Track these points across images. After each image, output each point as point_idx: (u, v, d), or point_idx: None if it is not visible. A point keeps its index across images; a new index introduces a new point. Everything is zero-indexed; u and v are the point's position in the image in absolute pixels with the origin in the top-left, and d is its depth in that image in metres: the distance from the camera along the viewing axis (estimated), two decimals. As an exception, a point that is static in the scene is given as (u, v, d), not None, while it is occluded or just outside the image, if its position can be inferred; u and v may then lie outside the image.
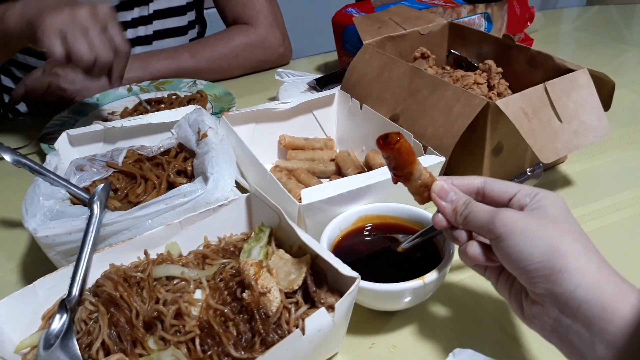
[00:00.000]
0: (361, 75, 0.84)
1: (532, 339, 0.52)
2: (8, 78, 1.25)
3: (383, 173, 0.62)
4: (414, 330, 0.54)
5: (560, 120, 0.67)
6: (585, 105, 0.69)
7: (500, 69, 0.80)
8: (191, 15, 1.27)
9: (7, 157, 0.66)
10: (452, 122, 0.67)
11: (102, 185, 0.59)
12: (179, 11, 1.23)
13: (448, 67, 0.89)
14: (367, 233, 0.60)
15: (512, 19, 1.09)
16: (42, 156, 0.92)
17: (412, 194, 0.50)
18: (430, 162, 0.64)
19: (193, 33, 1.30)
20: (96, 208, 0.56)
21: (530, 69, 0.79)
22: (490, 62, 0.80)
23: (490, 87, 0.79)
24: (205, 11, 1.35)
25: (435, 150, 0.66)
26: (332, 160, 0.80)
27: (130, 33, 1.17)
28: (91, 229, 0.54)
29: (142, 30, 1.18)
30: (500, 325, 0.54)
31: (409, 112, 0.73)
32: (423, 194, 0.49)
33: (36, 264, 0.67)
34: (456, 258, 0.52)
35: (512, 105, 0.65)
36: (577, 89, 0.70)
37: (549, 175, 0.77)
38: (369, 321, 0.55)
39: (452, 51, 0.91)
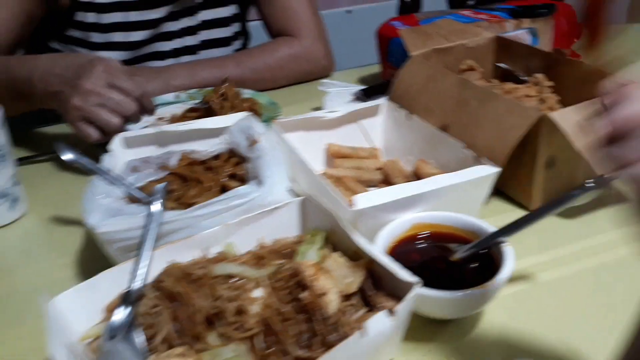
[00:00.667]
0: (408, 85, 0.84)
1: (594, 350, 0.51)
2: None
3: (436, 182, 0.62)
4: (468, 341, 0.54)
5: (615, 134, 0.67)
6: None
7: (550, 83, 0.80)
8: (236, 27, 1.30)
9: (65, 157, 0.68)
10: (505, 133, 0.67)
11: (163, 184, 0.61)
12: (224, 22, 1.26)
13: (496, 81, 0.89)
14: (420, 241, 0.61)
15: (558, 35, 1.08)
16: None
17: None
18: (484, 172, 0.64)
19: (237, 44, 1.32)
20: (156, 205, 0.57)
21: (581, 83, 0.79)
22: (540, 75, 0.80)
23: (541, 101, 0.78)
24: (249, 23, 1.38)
25: (489, 162, 0.66)
26: (378, 169, 0.80)
27: (177, 43, 1.20)
28: (151, 226, 0.55)
29: (189, 40, 1.21)
30: (560, 339, 0.53)
31: (459, 122, 0.74)
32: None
33: (92, 260, 0.69)
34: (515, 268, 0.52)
35: (567, 117, 0.65)
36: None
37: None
38: (423, 329, 0.55)
39: (500, 64, 0.91)
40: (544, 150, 0.68)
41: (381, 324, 0.45)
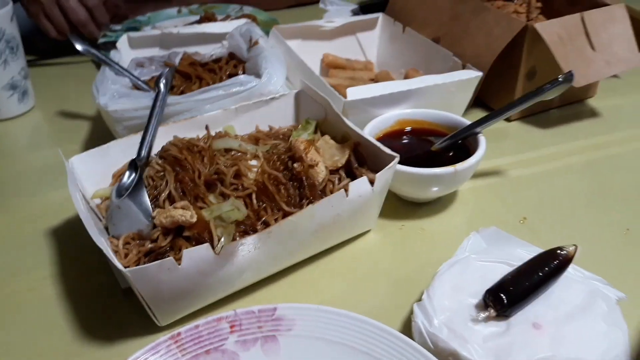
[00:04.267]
0: (405, 2, 0.87)
1: (548, 228, 0.57)
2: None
3: (422, 81, 0.66)
4: (441, 218, 0.60)
5: (593, 49, 0.71)
6: (619, 38, 0.73)
7: (539, 4, 0.84)
8: None
9: (79, 46, 0.72)
10: (492, 42, 0.71)
11: (168, 69, 0.65)
12: None
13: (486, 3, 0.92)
14: (404, 136, 0.66)
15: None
16: (96, 63, 0.99)
17: None
18: (468, 75, 0.68)
19: None
20: (162, 86, 0.61)
21: (569, 6, 0.82)
22: (530, -4, 0.83)
23: (528, 20, 0.82)
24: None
25: (474, 67, 0.70)
26: (372, 80, 0.84)
27: None
28: (158, 104, 0.60)
29: None
30: (525, 216, 0.59)
31: (450, 34, 0.78)
32: None
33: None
34: (485, 158, 0.57)
35: (549, 29, 0.69)
36: (613, 22, 0.73)
37: (578, 107, 0.81)
38: (400, 208, 0.61)
39: (495, -13, 0.94)
40: (526, 61, 0.72)
41: (362, 187, 0.51)
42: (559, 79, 0.56)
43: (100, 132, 0.78)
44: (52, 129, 0.82)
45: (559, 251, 0.45)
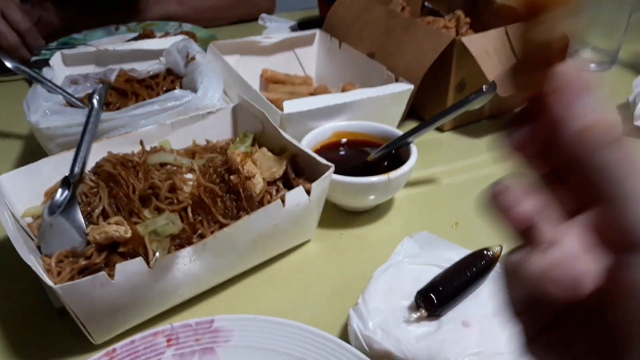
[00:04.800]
0: (341, 17, 0.90)
1: (478, 229, 0.60)
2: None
3: (356, 94, 0.68)
4: (378, 225, 0.62)
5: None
6: (540, 50, 0.77)
7: (468, 20, 0.88)
8: None
9: (8, 64, 0.70)
10: (422, 56, 0.74)
11: (102, 85, 0.64)
12: None
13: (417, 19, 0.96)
14: (341, 147, 0.67)
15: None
16: (30, 82, 0.96)
17: (515, 62, 0.27)
18: (400, 88, 0.71)
19: None
20: (96, 102, 0.61)
21: (496, 20, 0.87)
22: (459, 12, 0.88)
23: (458, 35, 0.86)
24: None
25: (406, 80, 0.73)
26: (311, 94, 0.86)
27: None
28: (91, 120, 0.59)
29: None
30: (457, 222, 0.62)
31: (384, 49, 0.80)
32: (536, 67, 0.25)
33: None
34: (420, 167, 0.59)
35: (476, 43, 0.73)
36: (534, 36, 0.77)
37: (508, 117, 0.85)
38: (339, 218, 0.62)
39: (426, 4, 0.98)
40: (455, 74, 0.75)
41: (299, 196, 0.52)
42: (483, 89, 0.59)
43: (32, 151, 0.76)
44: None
45: (485, 252, 0.48)
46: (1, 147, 0.78)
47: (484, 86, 0.60)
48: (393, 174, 0.57)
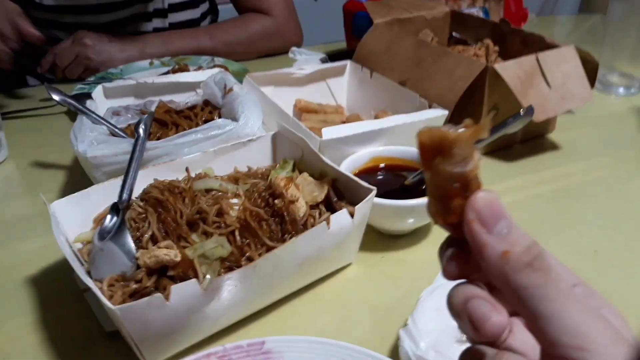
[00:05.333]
0: (371, 48, 0.92)
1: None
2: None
3: (392, 120, 0.70)
4: (419, 248, 0.62)
5: (549, 86, 0.76)
6: (572, 76, 0.78)
7: (496, 48, 0.89)
8: (204, 7, 1.36)
9: (55, 97, 0.73)
10: (454, 83, 0.76)
11: (147, 115, 0.66)
12: (192, 4, 1.31)
13: (447, 48, 0.98)
14: (378, 171, 0.68)
15: (507, 16, 1.18)
16: (70, 115, 1.00)
17: (431, 195, 0.28)
18: (435, 114, 0.72)
19: (205, 23, 1.38)
20: (142, 131, 0.63)
21: (523, 48, 0.88)
22: (488, 41, 0.89)
23: (488, 62, 0.87)
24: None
25: (440, 106, 0.74)
26: (343, 122, 0.87)
27: (146, 26, 1.26)
28: (137, 148, 0.61)
29: (157, 22, 1.27)
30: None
31: (415, 77, 0.82)
32: (451, 200, 0.27)
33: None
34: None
35: (508, 69, 0.74)
36: (565, 61, 0.79)
37: (539, 141, 0.86)
38: (380, 241, 0.63)
39: (454, 34, 1.00)
40: (488, 99, 0.77)
41: (343, 219, 0.52)
42: (520, 113, 0.60)
43: (76, 180, 0.78)
44: (26, 179, 0.82)
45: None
46: (44, 177, 0.81)
47: (521, 110, 0.61)
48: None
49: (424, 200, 0.58)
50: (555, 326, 0.24)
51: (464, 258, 0.27)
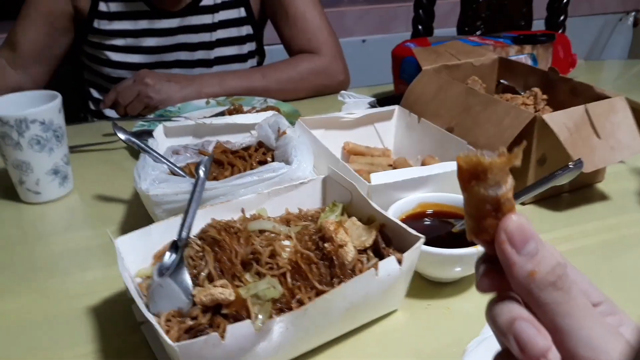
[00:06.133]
0: (419, 94, 0.95)
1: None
2: (95, 90, 1.42)
3: (440, 167, 0.71)
4: (466, 297, 0.63)
5: (598, 136, 0.76)
6: (622, 126, 0.78)
7: (545, 96, 0.90)
8: (251, 46, 1.42)
9: (121, 135, 0.78)
10: (502, 131, 0.77)
11: (207, 157, 0.70)
12: (238, 41, 1.38)
13: (496, 96, 0.99)
14: (425, 217, 0.70)
15: (555, 62, 1.19)
16: (129, 149, 1.05)
17: (467, 214, 0.31)
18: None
19: (253, 62, 1.44)
20: (202, 173, 0.66)
21: (572, 97, 0.89)
22: (536, 89, 0.90)
23: (536, 111, 0.88)
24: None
25: (487, 155, 0.75)
26: (390, 165, 0.90)
27: (190, 55, 1.34)
28: (197, 189, 0.65)
29: (202, 54, 1.34)
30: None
31: (463, 125, 0.84)
32: (484, 219, 0.30)
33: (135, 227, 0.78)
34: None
35: (557, 120, 0.75)
36: (615, 112, 0.79)
37: (588, 191, 0.85)
38: (425, 288, 0.64)
39: (502, 81, 1.01)
40: (536, 149, 0.77)
41: (391, 266, 0.54)
42: (570, 166, 0.61)
43: (135, 214, 0.82)
44: (89, 212, 0.87)
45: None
46: (106, 210, 0.86)
47: (570, 163, 0.61)
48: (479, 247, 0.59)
49: (471, 249, 0.59)
50: (573, 340, 0.27)
51: (497, 273, 0.30)
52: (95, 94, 1.41)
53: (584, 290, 0.30)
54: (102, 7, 1.26)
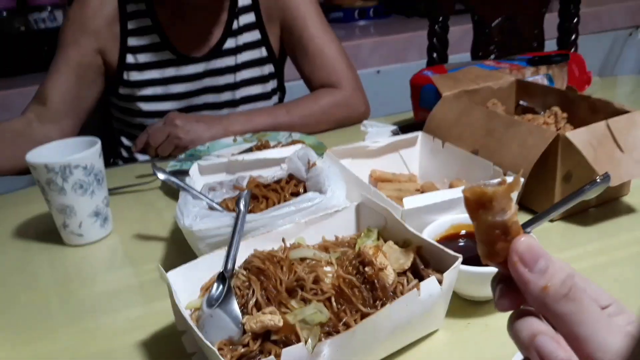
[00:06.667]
0: (441, 120, 0.98)
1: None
2: (125, 137, 1.47)
3: (470, 189, 0.73)
4: (503, 314, 0.64)
5: (622, 150, 0.78)
6: (644, 140, 0.80)
7: (565, 115, 0.93)
8: (273, 84, 1.47)
9: (161, 176, 0.82)
10: (527, 151, 0.79)
11: (246, 191, 0.74)
12: (261, 80, 1.43)
13: (517, 117, 1.02)
14: (459, 238, 0.72)
15: (571, 81, 1.22)
16: (163, 189, 1.09)
17: (479, 240, 0.34)
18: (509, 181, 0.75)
19: (275, 99, 1.49)
20: (242, 207, 0.70)
21: (592, 114, 0.91)
22: (556, 108, 0.93)
23: (558, 130, 0.90)
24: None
25: (515, 174, 0.77)
26: (417, 190, 0.92)
27: (217, 97, 1.39)
28: (239, 222, 0.68)
29: (228, 95, 1.39)
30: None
31: (487, 147, 0.86)
32: (495, 243, 0.33)
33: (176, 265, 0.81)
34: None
35: (579, 137, 0.77)
36: (636, 126, 0.81)
37: (615, 205, 0.86)
38: (464, 307, 0.65)
39: (521, 102, 1.04)
40: (561, 166, 0.79)
41: (432, 286, 0.56)
42: (597, 180, 0.63)
43: (172, 251, 0.86)
44: (128, 251, 0.91)
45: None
46: (145, 247, 0.89)
47: (597, 177, 0.63)
48: (517, 263, 0.60)
49: (507, 266, 0.60)
50: (591, 345, 0.30)
51: (513, 291, 0.33)
52: (125, 141, 1.47)
53: (593, 295, 0.33)
54: (130, 59, 1.32)
